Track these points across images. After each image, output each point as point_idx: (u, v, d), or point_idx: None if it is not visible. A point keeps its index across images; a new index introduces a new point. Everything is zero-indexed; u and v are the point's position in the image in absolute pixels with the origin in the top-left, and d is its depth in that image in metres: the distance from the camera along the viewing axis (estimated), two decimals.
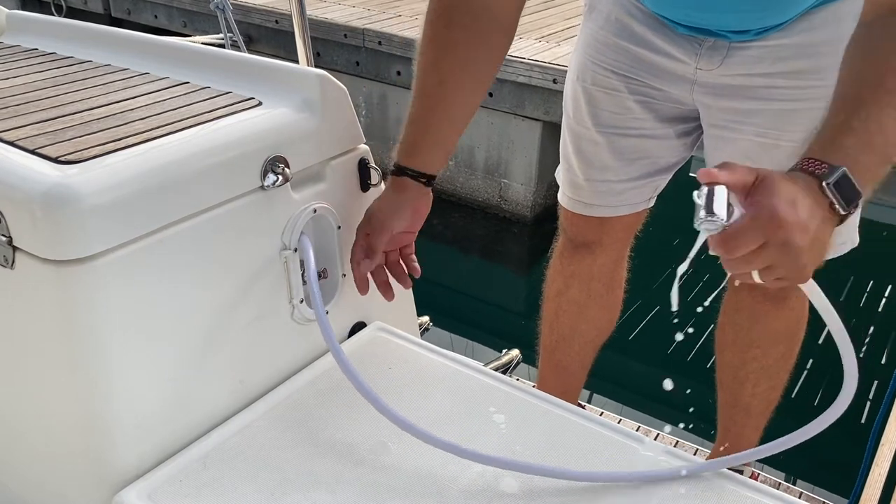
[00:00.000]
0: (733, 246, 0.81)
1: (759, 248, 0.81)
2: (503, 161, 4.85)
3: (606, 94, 1.51)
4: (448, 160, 1.24)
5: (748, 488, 0.98)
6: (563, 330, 1.84)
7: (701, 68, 1.38)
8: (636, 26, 1.43)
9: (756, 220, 0.81)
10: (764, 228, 0.80)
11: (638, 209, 1.65)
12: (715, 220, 0.79)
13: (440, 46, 1.20)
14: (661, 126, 1.52)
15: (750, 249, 0.81)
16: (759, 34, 1.31)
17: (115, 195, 0.90)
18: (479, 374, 1.17)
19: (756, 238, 0.81)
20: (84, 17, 6.62)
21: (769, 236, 0.80)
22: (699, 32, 1.36)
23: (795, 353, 1.69)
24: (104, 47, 1.34)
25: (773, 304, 1.61)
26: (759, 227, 0.81)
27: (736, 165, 0.83)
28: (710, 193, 0.79)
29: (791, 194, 0.82)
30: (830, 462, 3.06)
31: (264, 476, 0.97)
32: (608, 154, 1.57)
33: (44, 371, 0.97)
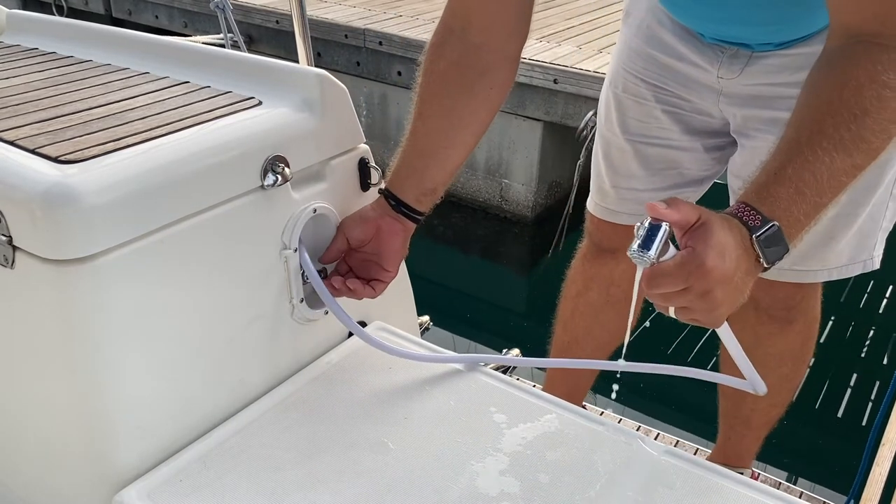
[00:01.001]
0: (656, 283, 0.84)
1: (679, 291, 0.84)
2: (504, 161, 4.85)
3: (635, 101, 1.51)
4: (424, 198, 1.18)
5: (748, 488, 0.98)
6: (576, 331, 1.84)
7: (722, 76, 1.38)
8: (665, 35, 1.43)
9: (683, 267, 0.83)
10: (689, 275, 0.82)
11: None
12: (644, 256, 0.82)
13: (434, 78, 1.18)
14: (688, 138, 1.51)
15: (671, 290, 0.84)
16: (781, 45, 1.31)
17: (115, 195, 0.90)
18: (479, 374, 1.16)
19: (679, 282, 0.83)
20: (85, 17, 6.63)
21: (692, 283, 0.83)
22: (724, 42, 1.35)
23: (800, 373, 1.67)
24: (104, 47, 1.34)
25: (778, 327, 1.59)
26: (685, 272, 0.83)
27: (681, 203, 0.84)
28: (650, 230, 0.83)
29: (722, 245, 0.83)
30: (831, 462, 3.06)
31: (264, 476, 0.97)
32: (635, 162, 1.56)
33: (44, 371, 0.97)
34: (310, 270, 1.12)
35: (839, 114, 0.89)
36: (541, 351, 1.95)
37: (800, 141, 0.91)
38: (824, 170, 0.88)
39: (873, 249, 1.45)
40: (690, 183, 1.59)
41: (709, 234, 0.83)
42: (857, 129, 0.89)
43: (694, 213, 0.84)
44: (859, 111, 0.89)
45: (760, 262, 0.88)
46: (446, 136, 1.18)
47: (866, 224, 1.40)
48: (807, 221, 0.90)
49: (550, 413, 1.09)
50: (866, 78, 0.90)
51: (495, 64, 1.18)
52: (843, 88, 0.91)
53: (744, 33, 1.31)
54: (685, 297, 0.84)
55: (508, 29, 1.18)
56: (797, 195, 0.88)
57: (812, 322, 1.60)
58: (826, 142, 0.89)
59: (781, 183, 0.89)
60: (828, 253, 1.42)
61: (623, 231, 1.67)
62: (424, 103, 1.18)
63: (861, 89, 0.89)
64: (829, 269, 1.45)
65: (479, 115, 1.20)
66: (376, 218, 1.16)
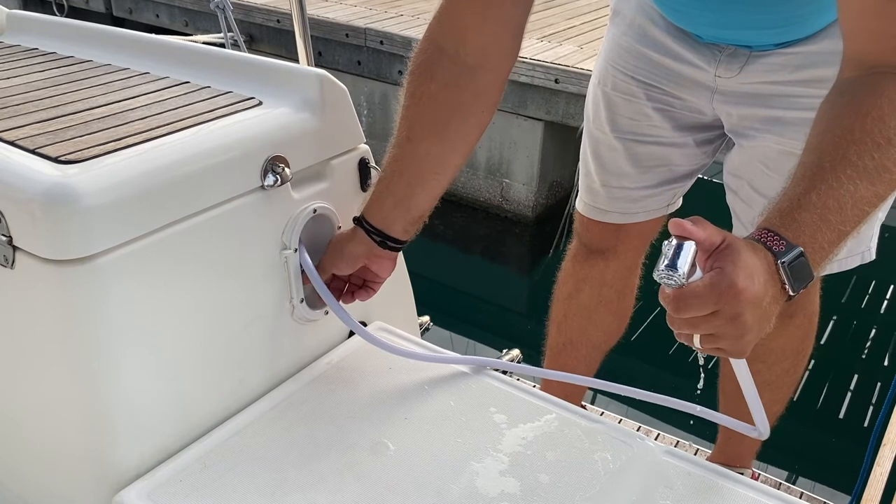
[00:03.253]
0: (684, 306, 0.79)
1: (708, 315, 0.79)
2: (505, 161, 4.85)
3: (625, 99, 1.51)
4: (412, 227, 1.14)
5: (748, 488, 0.98)
6: (570, 333, 1.83)
7: (720, 75, 1.37)
8: (658, 33, 1.42)
9: (713, 287, 0.78)
10: (720, 297, 0.78)
11: (654, 216, 1.64)
12: (674, 276, 0.77)
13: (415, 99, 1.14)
14: (678, 134, 1.51)
15: (700, 314, 0.80)
16: (781, 45, 1.30)
17: (115, 195, 0.90)
18: (479, 374, 1.16)
19: (709, 304, 0.79)
20: (86, 16, 6.63)
21: (722, 306, 0.79)
22: (721, 41, 1.35)
23: (800, 369, 1.67)
24: (104, 47, 1.34)
25: (779, 320, 1.58)
26: (715, 293, 0.78)
27: (706, 224, 0.81)
28: (678, 248, 0.78)
29: (751, 268, 0.80)
30: (831, 462, 3.06)
31: (264, 476, 0.97)
32: (625, 160, 1.56)
33: (44, 371, 0.97)
34: (310, 270, 1.12)
35: (863, 142, 0.88)
36: (541, 351, 1.95)
37: (823, 167, 0.89)
38: (848, 197, 0.87)
39: (870, 241, 1.45)
40: (680, 178, 1.59)
41: (736, 255, 0.79)
42: (881, 159, 0.88)
43: (718, 234, 0.81)
44: (883, 140, 0.88)
45: (786, 289, 0.84)
46: (439, 162, 1.14)
47: None
48: (830, 249, 0.88)
49: (550, 413, 1.09)
50: (890, 108, 0.89)
51: (490, 86, 1.14)
52: (865, 117, 0.89)
53: (745, 36, 1.31)
54: (713, 323, 0.80)
55: (505, 50, 1.15)
56: (822, 222, 0.86)
57: (812, 316, 1.60)
58: (850, 169, 0.87)
59: (806, 209, 0.86)
60: None
61: (613, 230, 1.66)
62: (414, 127, 1.12)
63: (885, 118, 0.88)
64: None
65: (470, 138, 1.16)
66: (361, 256, 1.13)
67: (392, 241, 1.13)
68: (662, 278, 0.78)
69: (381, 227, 1.12)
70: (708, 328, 0.81)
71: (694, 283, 0.78)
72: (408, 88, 1.14)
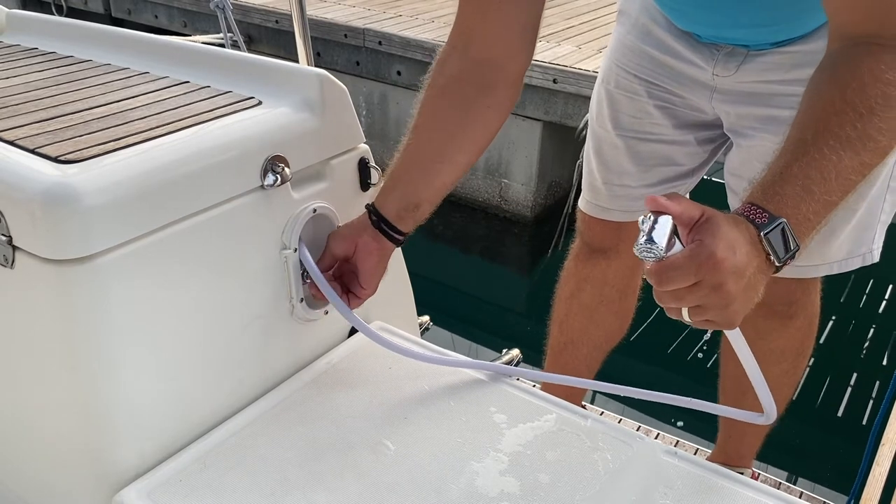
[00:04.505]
0: (667, 278, 0.81)
1: (691, 287, 0.81)
2: (503, 161, 4.85)
3: (628, 97, 1.51)
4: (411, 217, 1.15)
5: (748, 488, 0.98)
6: (572, 333, 1.83)
7: (718, 74, 1.38)
8: (660, 32, 1.43)
9: (693, 258, 0.80)
10: (700, 267, 0.80)
11: None
12: (653, 249, 0.79)
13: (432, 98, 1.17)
14: (679, 132, 1.51)
15: (682, 285, 0.81)
16: (776, 44, 1.31)
17: (115, 194, 0.90)
18: (479, 374, 1.16)
19: (690, 275, 0.80)
20: (84, 16, 6.63)
21: (704, 276, 0.80)
22: (719, 41, 1.36)
23: (800, 369, 1.67)
24: (104, 47, 1.34)
25: (779, 322, 1.59)
26: (695, 264, 0.80)
27: (683, 198, 0.83)
28: (654, 221, 0.79)
29: (732, 239, 0.82)
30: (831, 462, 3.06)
31: (264, 476, 0.97)
32: (626, 158, 1.56)
33: (44, 371, 0.97)
34: (312, 269, 1.11)
35: (844, 112, 0.89)
36: (540, 351, 1.95)
37: (805, 140, 0.90)
38: (831, 168, 0.88)
39: (872, 242, 1.45)
40: (682, 176, 1.59)
41: (717, 228, 0.81)
42: (864, 128, 0.88)
43: (697, 209, 0.83)
44: (865, 110, 0.89)
45: (771, 260, 0.86)
46: (437, 150, 1.16)
47: (865, 217, 1.40)
48: (816, 220, 0.89)
49: (550, 413, 1.09)
50: (870, 77, 0.90)
51: (495, 82, 1.17)
52: (846, 88, 0.90)
53: (741, 35, 1.32)
54: (697, 294, 0.82)
55: (511, 47, 1.18)
56: (805, 193, 0.87)
57: (812, 317, 1.60)
58: (832, 140, 0.88)
59: (787, 181, 0.88)
60: (828, 247, 1.42)
61: (615, 229, 1.67)
62: (419, 117, 1.17)
63: (865, 88, 0.89)
64: (830, 264, 1.45)
65: (474, 135, 1.18)
66: (355, 235, 1.14)
67: (385, 224, 1.14)
68: (642, 252, 0.80)
69: (377, 205, 1.14)
70: (693, 299, 0.82)
71: (674, 255, 0.80)
72: (424, 85, 1.19)
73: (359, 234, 1.14)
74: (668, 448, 1.04)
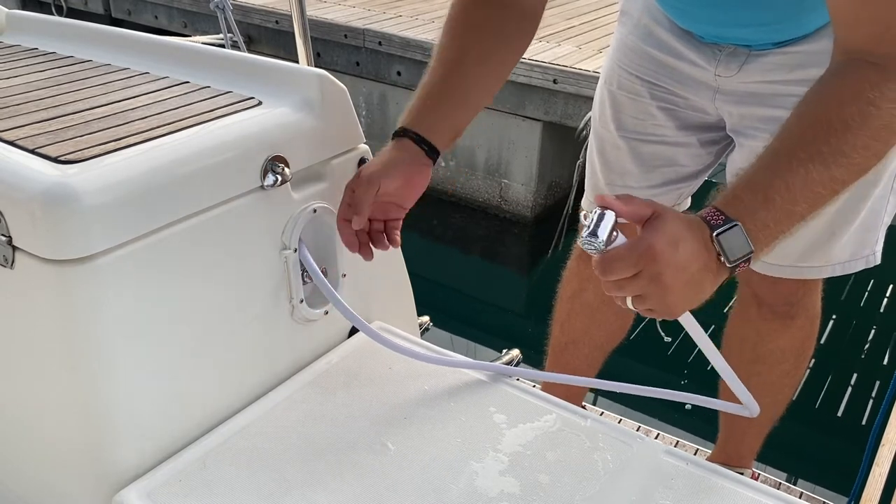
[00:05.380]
0: (608, 268, 0.87)
1: (631, 277, 0.86)
2: (503, 161, 4.85)
3: (630, 98, 1.51)
4: (452, 142, 1.18)
5: (748, 488, 0.98)
6: (574, 332, 1.84)
7: (720, 74, 1.38)
8: (662, 33, 1.43)
9: (632, 251, 0.86)
10: (639, 259, 0.85)
11: None
12: (594, 243, 0.85)
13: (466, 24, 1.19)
14: (683, 134, 1.51)
15: (623, 276, 0.86)
16: (778, 44, 1.30)
17: (115, 195, 0.90)
18: (479, 375, 1.16)
19: (629, 267, 0.86)
20: (84, 17, 6.63)
21: (642, 267, 0.85)
22: (721, 40, 1.36)
23: (801, 370, 1.67)
24: (104, 47, 1.34)
25: (780, 323, 1.60)
26: (634, 256, 0.86)
27: (634, 199, 0.88)
28: (599, 217, 0.86)
29: (676, 235, 0.86)
30: (830, 462, 3.06)
31: (264, 476, 0.97)
32: (629, 159, 1.56)
33: (44, 371, 0.97)
34: (312, 269, 1.11)
35: (820, 126, 0.90)
36: (540, 351, 1.95)
37: (778, 151, 0.92)
38: (798, 180, 0.89)
39: (875, 244, 1.45)
40: (685, 178, 1.58)
41: (661, 225, 0.86)
42: (837, 144, 0.89)
43: (647, 208, 0.88)
44: (840, 126, 0.89)
45: (722, 260, 0.89)
46: (483, 82, 1.20)
47: (868, 219, 1.40)
48: (777, 228, 0.91)
49: (550, 413, 1.09)
50: (851, 93, 0.91)
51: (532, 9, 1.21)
52: (827, 102, 0.92)
53: (744, 34, 1.31)
54: (636, 284, 0.87)
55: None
56: (766, 201, 0.90)
57: (813, 318, 1.61)
58: (803, 153, 0.90)
59: (750, 188, 0.91)
60: (830, 249, 1.42)
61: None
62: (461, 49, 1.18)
63: (844, 104, 0.90)
64: (833, 266, 1.45)
65: (509, 64, 1.22)
66: (406, 163, 1.12)
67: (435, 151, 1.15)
68: (585, 244, 0.86)
69: (426, 136, 1.14)
70: (633, 289, 0.88)
71: (616, 247, 0.86)
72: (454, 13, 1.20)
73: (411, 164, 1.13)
74: (668, 448, 1.04)
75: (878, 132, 0.90)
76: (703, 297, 0.91)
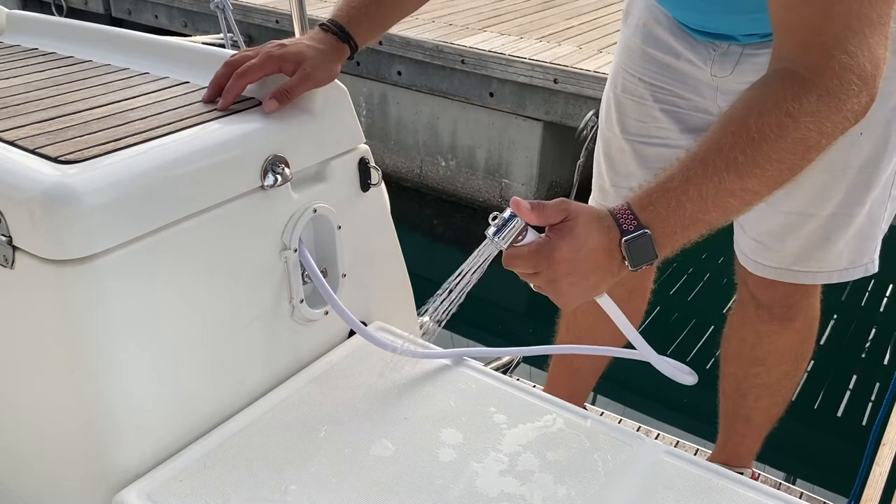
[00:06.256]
0: (510, 264, 0.94)
1: (531, 274, 0.93)
2: (504, 161, 4.85)
3: (633, 101, 1.52)
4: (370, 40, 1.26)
5: (748, 488, 0.98)
6: (579, 331, 1.84)
7: (715, 74, 1.38)
8: (662, 33, 1.43)
9: (535, 254, 0.92)
10: (537, 263, 0.92)
11: None
12: (495, 242, 0.93)
13: None
14: (686, 137, 1.51)
15: (523, 272, 0.94)
16: (766, 37, 1.30)
17: (115, 195, 0.90)
18: (479, 374, 1.16)
19: (528, 267, 0.93)
20: (84, 17, 6.63)
21: (540, 270, 0.92)
22: (715, 38, 1.35)
23: (800, 371, 1.68)
24: (104, 47, 1.34)
25: (779, 324, 1.60)
26: (534, 259, 0.92)
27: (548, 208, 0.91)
28: (507, 220, 0.92)
29: (580, 244, 0.90)
30: (831, 462, 3.06)
31: (264, 476, 0.97)
32: (633, 162, 1.57)
33: (44, 371, 0.97)
34: (312, 270, 1.12)
35: (738, 135, 0.90)
36: None
37: (696, 156, 0.92)
38: (711, 188, 0.89)
39: (873, 253, 1.45)
40: None
41: (567, 232, 0.90)
42: (753, 154, 0.89)
43: (560, 214, 0.91)
44: (758, 135, 0.89)
45: (626, 263, 0.92)
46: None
47: (865, 226, 1.40)
48: (684, 235, 0.92)
49: (550, 413, 1.09)
50: (772, 103, 0.89)
51: None
52: (749, 110, 0.91)
53: (727, 23, 1.31)
54: (535, 280, 0.94)
55: None
56: (678, 207, 0.90)
57: (812, 320, 1.61)
58: (720, 160, 0.89)
59: (665, 194, 0.91)
60: (825, 254, 1.42)
61: None
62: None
63: (764, 114, 0.89)
64: (829, 272, 1.45)
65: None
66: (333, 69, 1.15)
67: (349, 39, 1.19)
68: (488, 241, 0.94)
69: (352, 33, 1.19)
70: (533, 282, 0.95)
71: (521, 245, 0.93)
72: None
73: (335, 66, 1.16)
74: (668, 448, 1.04)
75: (795, 145, 0.89)
76: (597, 294, 0.97)
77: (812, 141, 0.89)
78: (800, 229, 1.41)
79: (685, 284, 3.89)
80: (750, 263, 1.51)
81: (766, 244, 1.46)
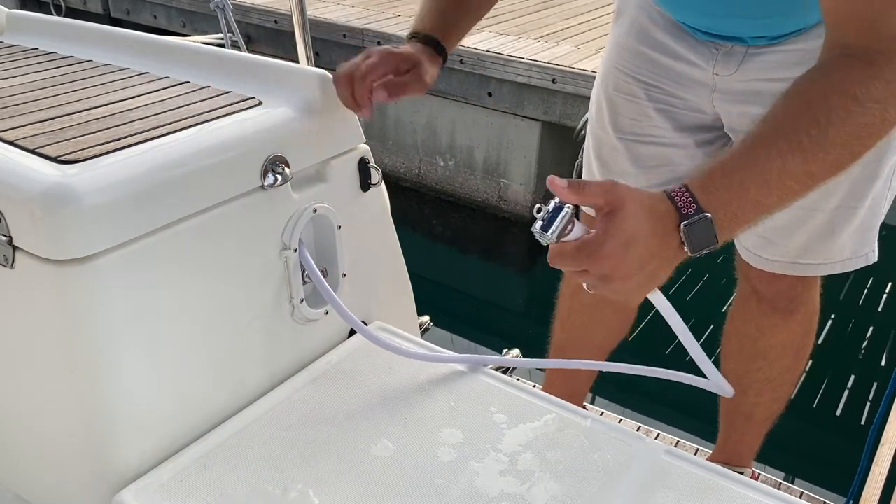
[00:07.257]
0: (557, 262, 0.86)
1: (580, 272, 0.86)
2: (502, 161, 4.85)
3: (627, 100, 1.51)
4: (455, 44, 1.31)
5: (748, 488, 0.98)
6: (574, 330, 1.84)
7: (718, 73, 1.37)
8: (658, 33, 1.43)
9: (582, 250, 0.84)
10: (587, 259, 0.84)
11: None
12: (545, 237, 0.85)
13: None
14: (679, 135, 1.51)
15: (570, 270, 0.86)
16: (775, 39, 1.30)
17: (115, 195, 0.90)
18: (479, 374, 1.16)
19: (577, 264, 0.85)
20: (83, 17, 6.62)
21: (588, 267, 0.84)
22: (718, 38, 1.35)
23: (801, 366, 1.68)
24: (104, 47, 1.34)
25: (781, 318, 1.60)
26: (580, 257, 0.84)
27: (589, 187, 0.85)
28: (554, 211, 0.84)
29: (629, 235, 0.83)
30: (830, 462, 3.06)
31: (264, 476, 0.97)
32: (627, 161, 1.56)
33: (44, 371, 0.97)
34: (312, 270, 1.12)
35: (803, 118, 0.88)
36: (540, 351, 1.95)
37: (758, 138, 0.90)
38: (775, 171, 0.87)
39: (873, 242, 1.46)
40: (682, 178, 1.58)
41: (617, 221, 0.83)
42: (818, 137, 0.87)
43: (601, 197, 0.85)
44: (823, 119, 0.88)
45: (685, 249, 0.87)
46: None
47: (868, 217, 1.40)
48: (745, 219, 0.89)
49: (550, 413, 1.09)
50: (837, 87, 0.89)
51: None
52: (812, 94, 0.90)
53: (737, 26, 1.31)
54: (586, 278, 0.87)
55: None
56: (741, 190, 0.87)
57: (812, 314, 1.61)
58: (784, 143, 0.88)
59: (728, 175, 0.88)
60: (829, 246, 1.42)
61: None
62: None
63: (828, 98, 0.88)
64: (832, 263, 1.45)
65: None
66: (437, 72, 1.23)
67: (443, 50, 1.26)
68: (537, 236, 0.85)
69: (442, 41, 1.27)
70: (585, 281, 0.88)
71: (566, 242, 0.85)
72: None
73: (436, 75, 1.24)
74: (668, 448, 1.04)
75: (860, 130, 0.88)
76: (658, 284, 0.90)
77: (875, 127, 0.88)
78: (806, 223, 1.41)
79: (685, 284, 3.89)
80: (753, 258, 1.51)
81: (771, 239, 1.46)
